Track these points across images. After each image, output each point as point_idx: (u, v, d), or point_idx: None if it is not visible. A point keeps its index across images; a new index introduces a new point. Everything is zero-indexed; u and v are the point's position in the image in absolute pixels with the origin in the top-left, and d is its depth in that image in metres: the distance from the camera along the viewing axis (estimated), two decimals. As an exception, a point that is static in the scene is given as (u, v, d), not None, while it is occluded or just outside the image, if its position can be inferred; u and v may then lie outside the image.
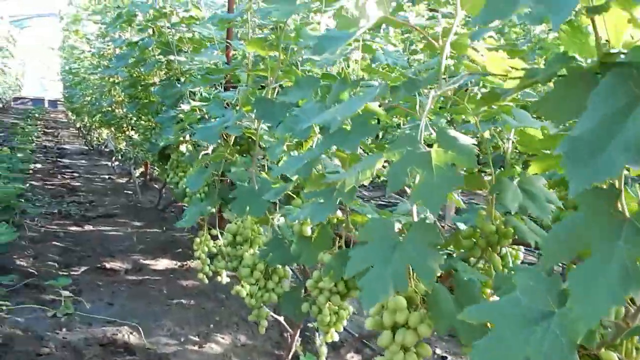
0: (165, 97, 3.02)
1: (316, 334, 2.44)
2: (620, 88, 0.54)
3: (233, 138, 2.23)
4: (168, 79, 3.33)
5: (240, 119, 1.78)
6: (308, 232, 1.46)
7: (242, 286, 1.90)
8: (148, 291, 2.95)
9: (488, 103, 1.06)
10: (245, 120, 1.86)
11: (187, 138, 2.85)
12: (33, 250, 3.47)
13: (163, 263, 3.43)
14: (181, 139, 2.81)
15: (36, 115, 15.49)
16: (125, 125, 5.72)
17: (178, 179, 3.19)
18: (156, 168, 4.54)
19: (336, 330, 1.41)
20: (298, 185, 1.62)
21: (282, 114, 1.67)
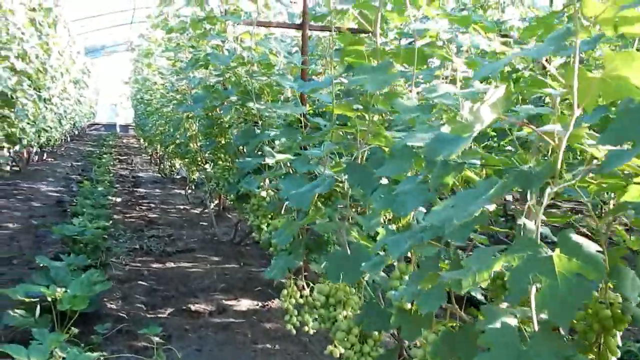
0: (245, 143, 3.08)
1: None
2: None
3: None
4: (245, 122, 3.41)
5: (331, 185, 1.78)
6: (408, 306, 1.45)
7: (336, 346, 1.90)
8: (234, 336, 3.00)
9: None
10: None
11: (268, 184, 2.90)
12: (121, 291, 3.60)
13: (245, 303, 3.48)
14: (262, 184, 2.85)
15: (110, 142, 16.17)
16: (200, 158, 5.88)
17: (258, 222, 3.24)
18: (230, 200, 4.63)
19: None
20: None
21: (376, 181, 1.67)
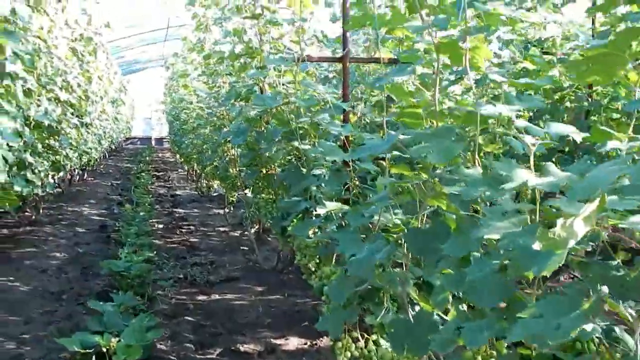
0: (291, 184, 3.05)
1: None
2: None
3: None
4: (289, 155, 3.39)
5: (391, 253, 1.73)
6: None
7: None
8: (284, 380, 2.98)
9: None
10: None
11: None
12: (169, 329, 3.61)
13: (293, 342, 3.45)
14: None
15: (146, 157, 16.40)
16: (239, 183, 5.88)
17: (306, 262, 3.20)
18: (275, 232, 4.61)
19: None
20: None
21: (441, 251, 1.60)
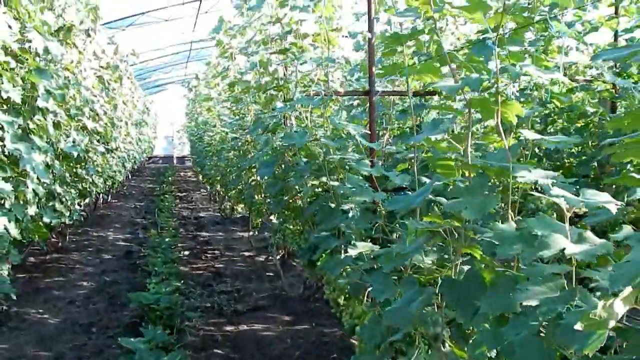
0: (320, 220, 3.07)
1: None
2: None
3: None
4: (318, 195, 3.40)
5: (427, 301, 1.73)
6: None
7: None
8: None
9: None
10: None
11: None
12: (199, 363, 3.64)
13: (323, 377, 3.46)
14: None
15: (169, 177, 16.54)
16: (264, 210, 5.91)
17: (335, 296, 3.21)
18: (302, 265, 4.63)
19: None
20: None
21: (475, 304, 1.59)
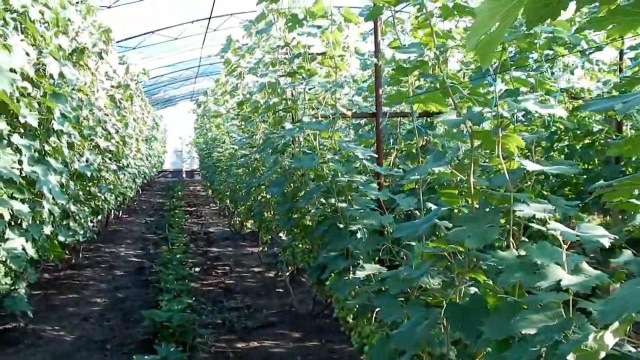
0: (329, 241, 3.15)
1: None
2: None
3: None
4: (326, 216, 3.49)
5: (432, 327, 1.81)
6: None
7: None
8: None
9: None
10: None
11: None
12: (211, 381, 3.72)
13: (333, 394, 3.53)
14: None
15: (179, 192, 16.67)
16: (274, 227, 6.00)
17: (344, 314, 3.29)
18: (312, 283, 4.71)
19: None
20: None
21: (478, 329, 1.66)
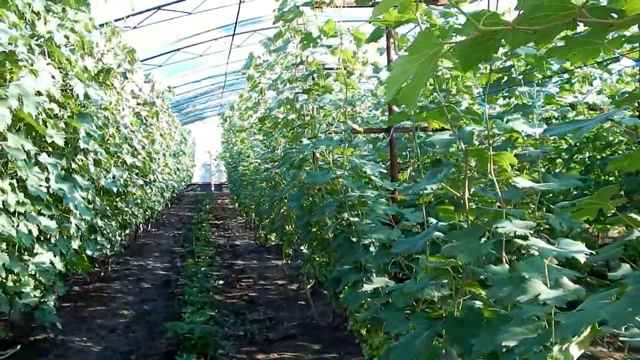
0: (342, 254, 3.23)
1: None
2: None
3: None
4: (341, 230, 3.57)
5: (430, 339, 1.87)
6: None
7: None
8: None
9: None
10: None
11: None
12: (231, 392, 3.80)
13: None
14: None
15: (206, 205, 16.90)
16: (295, 240, 6.10)
17: (358, 327, 3.35)
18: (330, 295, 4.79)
19: None
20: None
21: (473, 337, 1.72)
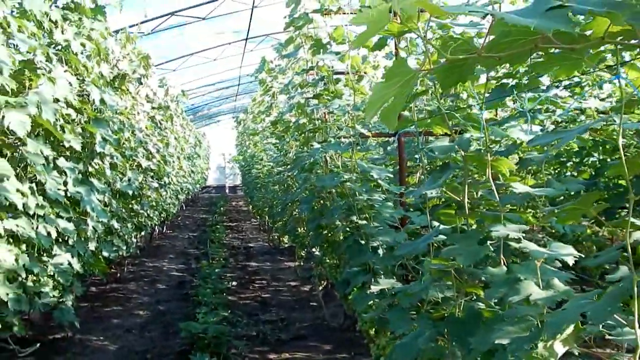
0: (351, 257, 3.31)
1: None
2: None
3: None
4: (351, 233, 3.65)
5: (433, 338, 1.95)
6: None
7: None
8: None
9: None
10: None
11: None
12: (244, 392, 3.90)
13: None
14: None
15: (221, 208, 17.08)
16: (307, 242, 6.19)
17: (367, 328, 3.43)
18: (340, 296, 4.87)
19: None
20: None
21: (472, 335, 1.79)
